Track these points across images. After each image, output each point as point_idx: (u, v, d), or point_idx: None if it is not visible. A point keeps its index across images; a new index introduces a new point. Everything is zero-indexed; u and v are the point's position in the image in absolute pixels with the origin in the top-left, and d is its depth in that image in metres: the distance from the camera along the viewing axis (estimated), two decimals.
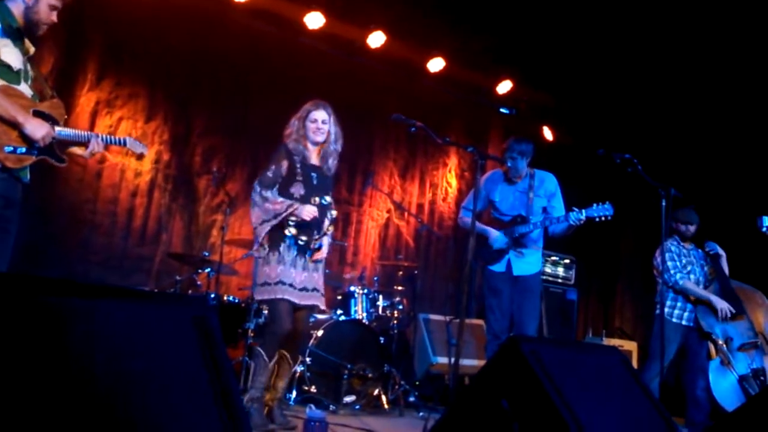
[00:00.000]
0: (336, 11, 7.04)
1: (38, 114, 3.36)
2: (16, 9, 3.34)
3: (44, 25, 3.43)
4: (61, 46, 5.91)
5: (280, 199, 4.14)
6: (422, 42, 7.67)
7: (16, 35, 3.33)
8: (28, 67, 3.42)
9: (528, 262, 5.08)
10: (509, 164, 5.08)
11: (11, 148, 3.21)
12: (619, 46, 7.54)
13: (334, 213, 4.42)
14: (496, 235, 5.06)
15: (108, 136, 3.76)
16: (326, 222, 4.34)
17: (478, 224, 4.95)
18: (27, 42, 3.43)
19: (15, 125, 3.22)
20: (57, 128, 3.43)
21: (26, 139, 3.27)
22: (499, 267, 5.08)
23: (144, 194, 6.40)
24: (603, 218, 4.80)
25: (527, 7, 7.19)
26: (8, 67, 3.25)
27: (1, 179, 3.22)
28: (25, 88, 3.35)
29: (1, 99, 3.16)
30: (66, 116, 3.61)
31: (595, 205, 4.81)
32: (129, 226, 6.32)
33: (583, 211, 4.80)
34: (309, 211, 4.14)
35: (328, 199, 4.32)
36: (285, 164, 4.23)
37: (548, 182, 5.20)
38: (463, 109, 8.65)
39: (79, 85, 6.11)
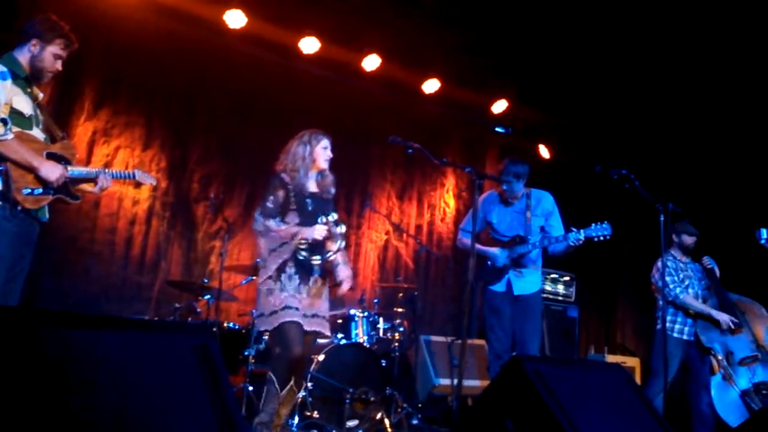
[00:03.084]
0: (330, 36, 7.09)
1: (51, 155, 3.56)
2: (23, 58, 3.57)
3: (49, 73, 3.66)
4: (58, 76, 5.86)
5: (284, 227, 4.13)
6: (417, 63, 7.71)
7: (25, 83, 3.54)
8: (38, 112, 3.63)
9: (528, 282, 5.08)
10: (505, 187, 5.11)
11: (29, 190, 3.43)
12: (613, 63, 7.58)
13: (343, 227, 4.38)
14: (496, 252, 5.07)
15: (117, 171, 4.03)
16: (337, 235, 4.29)
17: (477, 246, 4.96)
18: (35, 89, 3.65)
19: (31, 169, 3.43)
20: (70, 168, 3.63)
21: (42, 181, 3.47)
22: (499, 287, 5.09)
23: (142, 222, 6.40)
24: (602, 238, 4.82)
25: (521, 26, 7.25)
26: (21, 114, 3.46)
27: (20, 219, 3.44)
28: (37, 133, 3.57)
29: (17, 145, 3.38)
30: (77, 154, 3.81)
31: (593, 224, 4.84)
32: (127, 255, 6.32)
33: (582, 231, 4.82)
34: (320, 231, 4.12)
35: (335, 215, 4.31)
36: (281, 194, 4.23)
37: (545, 201, 5.21)
38: (459, 129, 8.69)
39: (76, 115, 6.13)
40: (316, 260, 4.18)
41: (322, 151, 4.33)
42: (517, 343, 5.01)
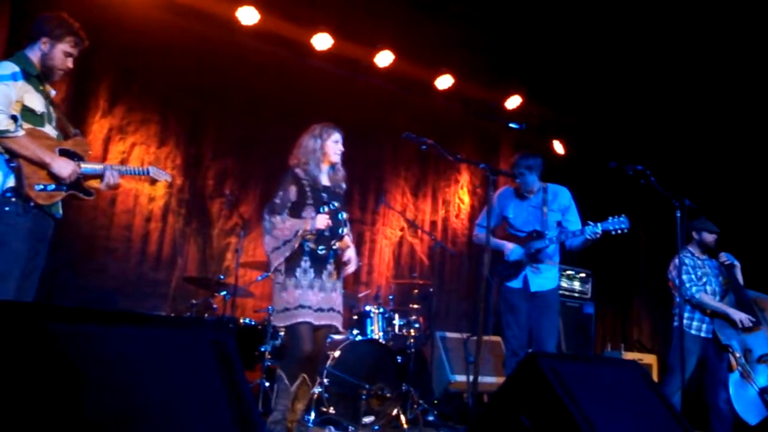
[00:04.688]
0: (343, 32, 7.09)
1: (63, 152, 3.57)
2: (34, 56, 3.60)
3: (60, 70, 3.67)
4: (73, 73, 5.92)
5: (288, 223, 4.11)
6: (430, 59, 7.69)
7: (37, 81, 3.57)
8: (51, 109, 3.65)
9: (545, 278, 5.05)
10: (519, 180, 5.09)
11: (41, 186, 3.44)
12: (627, 58, 7.54)
13: (345, 215, 4.37)
14: (512, 248, 5.05)
15: (132, 168, 4.03)
16: (340, 222, 4.28)
17: (493, 240, 4.94)
18: (48, 86, 3.67)
19: (43, 165, 3.44)
20: (83, 165, 3.64)
21: (54, 177, 3.48)
22: (516, 283, 5.05)
23: (158, 219, 6.43)
24: (619, 231, 4.79)
25: (535, 23, 7.22)
26: (32, 111, 3.49)
27: (34, 215, 3.46)
28: (49, 130, 3.59)
29: (29, 142, 3.40)
30: (90, 151, 3.81)
31: (611, 218, 4.80)
32: (144, 251, 6.35)
33: (599, 224, 4.78)
34: (322, 221, 4.11)
35: (336, 204, 4.29)
36: (293, 189, 4.22)
37: (562, 196, 5.18)
38: (473, 125, 8.65)
39: (92, 112, 6.17)
40: (322, 250, 4.18)
41: (333, 145, 4.32)
42: (534, 340, 4.98)
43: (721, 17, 6.61)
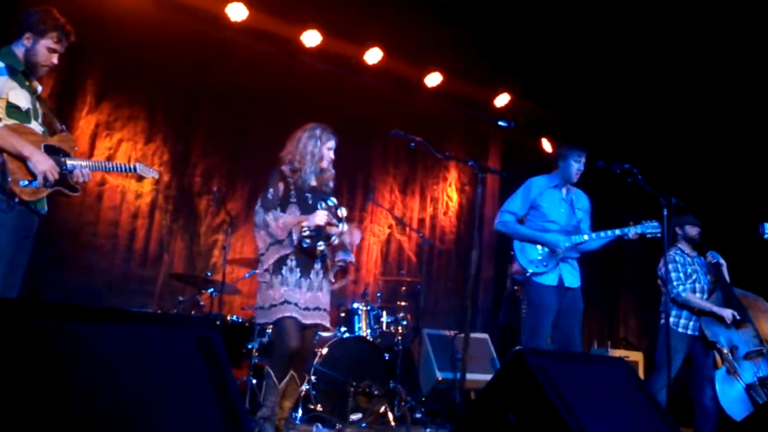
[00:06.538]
0: (332, 29, 7.08)
1: (49, 148, 3.52)
2: (19, 51, 3.55)
3: (44, 66, 3.61)
4: (61, 68, 5.90)
5: (281, 222, 4.08)
6: (419, 57, 7.69)
7: (22, 77, 3.52)
8: (37, 105, 3.60)
9: (576, 274, 4.97)
10: (579, 169, 5.06)
11: (26, 182, 3.38)
12: (616, 57, 7.57)
13: (344, 210, 4.34)
14: (556, 239, 4.86)
15: (119, 165, 4.03)
16: (339, 218, 4.25)
17: (528, 230, 4.89)
18: (34, 82, 3.62)
19: (21, 158, 3.37)
20: (68, 161, 3.58)
21: (30, 172, 3.41)
22: (551, 280, 4.83)
23: (145, 216, 6.40)
24: (655, 235, 4.83)
25: (524, 21, 7.23)
26: (17, 108, 3.44)
27: (19, 211, 3.40)
28: (36, 126, 3.54)
29: (8, 134, 3.32)
30: (76, 147, 3.76)
31: (645, 221, 4.86)
32: (130, 248, 6.32)
33: (638, 226, 4.84)
34: (321, 217, 4.07)
35: (333, 200, 4.27)
36: (281, 186, 4.21)
37: (585, 199, 5.19)
38: (462, 122, 8.66)
39: (79, 108, 6.13)
40: (321, 246, 4.15)
41: (327, 151, 4.30)
42: (564, 338, 4.80)
43: (707, 18, 6.64)
